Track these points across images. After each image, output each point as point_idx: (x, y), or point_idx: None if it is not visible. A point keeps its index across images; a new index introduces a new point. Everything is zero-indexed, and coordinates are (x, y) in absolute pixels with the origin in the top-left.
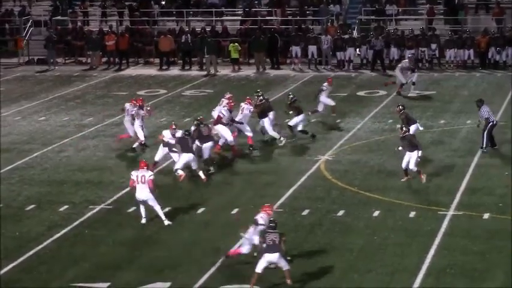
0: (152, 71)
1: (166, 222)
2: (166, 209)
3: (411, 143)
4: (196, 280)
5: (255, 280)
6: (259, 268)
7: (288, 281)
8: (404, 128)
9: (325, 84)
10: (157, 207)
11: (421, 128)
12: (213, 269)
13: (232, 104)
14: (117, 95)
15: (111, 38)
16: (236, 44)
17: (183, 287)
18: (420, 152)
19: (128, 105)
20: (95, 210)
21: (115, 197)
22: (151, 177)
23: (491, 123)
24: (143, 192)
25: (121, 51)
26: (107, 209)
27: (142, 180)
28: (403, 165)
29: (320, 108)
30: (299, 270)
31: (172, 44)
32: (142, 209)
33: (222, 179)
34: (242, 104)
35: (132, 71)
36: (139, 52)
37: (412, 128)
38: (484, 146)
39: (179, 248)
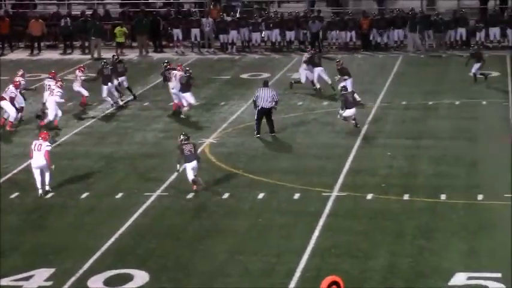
0: (34, 56)
1: (48, 188)
2: (49, 195)
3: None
4: (81, 265)
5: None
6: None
7: (194, 187)
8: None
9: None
10: (47, 174)
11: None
12: (98, 254)
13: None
14: None
15: None
16: (124, 28)
17: (68, 272)
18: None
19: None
20: None
21: None
22: (48, 148)
23: (260, 107)
24: (38, 159)
25: (2, 35)
26: None
27: (39, 149)
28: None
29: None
30: (184, 253)
31: (43, 28)
32: (37, 180)
33: (105, 163)
34: (174, 72)
35: (13, 55)
36: (20, 36)
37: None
38: (256, 131)
39: (64, 233)
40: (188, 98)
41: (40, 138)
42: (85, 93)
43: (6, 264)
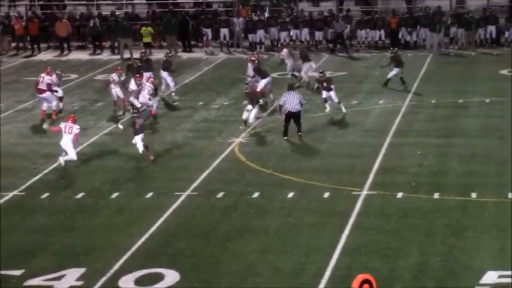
0: (63, 56)
1: (62, 160)
2: (80, 195)
3: None
4: (111, 265)
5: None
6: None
7: (151, 157)
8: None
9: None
10: (70, 151)
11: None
12: (128, 254)
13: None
14: (28, 80)
15: (19, 23)
16: (149, 27)
17: (99, 272)
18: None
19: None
20: (7, 197)
21: (28, 184)
22: (78, 131)
23: (288, 111)
24: (67, 141)
25: (32, 37)
26: (20, 195)
27: (69, 131)
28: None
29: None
30: (215, 252)
31: (69, 28)
32: (63, 151)
33: (135, 163)
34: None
35: (43, 56)
36: (50, 36)
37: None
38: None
39: (94, 234)
40: (260, 83)
41: (69, 121)
42: (121, 95)
43: (37, 264)
